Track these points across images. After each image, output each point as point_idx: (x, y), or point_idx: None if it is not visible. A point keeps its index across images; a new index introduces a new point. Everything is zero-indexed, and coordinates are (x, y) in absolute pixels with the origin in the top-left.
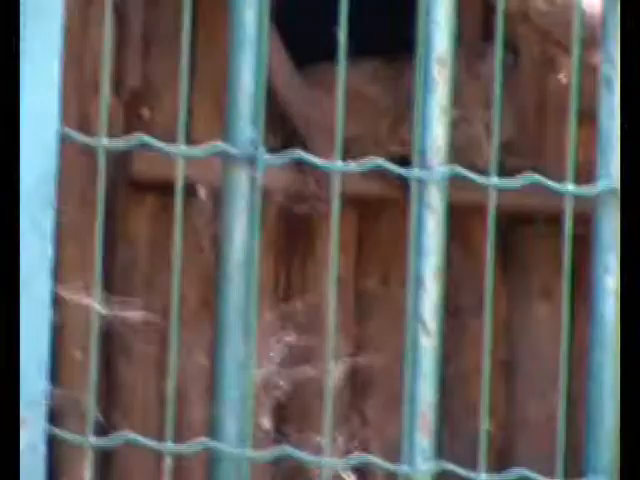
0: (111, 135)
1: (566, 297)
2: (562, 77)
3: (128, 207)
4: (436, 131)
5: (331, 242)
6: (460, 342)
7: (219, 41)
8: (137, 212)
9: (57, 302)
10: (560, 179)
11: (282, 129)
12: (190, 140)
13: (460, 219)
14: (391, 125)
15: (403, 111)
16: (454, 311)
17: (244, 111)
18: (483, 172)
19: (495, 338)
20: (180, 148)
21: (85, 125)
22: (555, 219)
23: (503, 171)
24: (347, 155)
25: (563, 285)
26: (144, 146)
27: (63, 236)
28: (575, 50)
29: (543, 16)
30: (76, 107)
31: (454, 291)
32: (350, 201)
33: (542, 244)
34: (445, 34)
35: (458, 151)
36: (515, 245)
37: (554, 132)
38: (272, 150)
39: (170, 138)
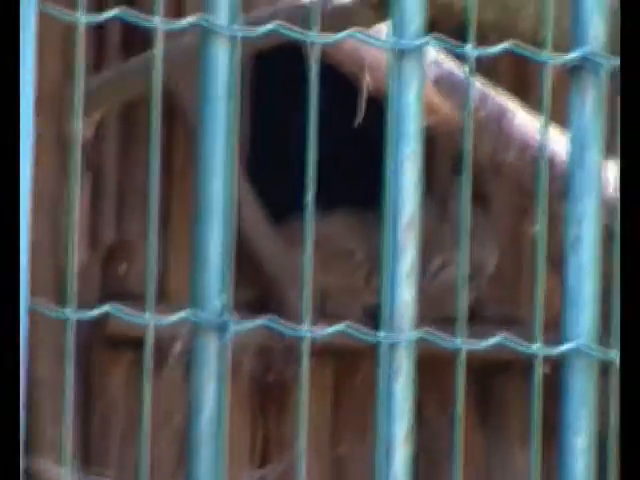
0: (88, 290)
1: (534, 457)
2: (533, 228)
3: (105, 365)
4: (404, 295)
5: (300, 410)
6: None
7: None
8: (114, 369)
9: (32, 474)
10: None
11: (257, 285)
12: (166, 292)
13: (435, 369)
14: (366, 275)
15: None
16: (433, 459)
17: (212, 279)
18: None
19: None
20: (148, 315)
21: (61, 282)
22: (531, 367)
23: (479, 319)
24: (323, 307)
25: (538, 436)
26: (114, 315)
27: (40, 401)
28: (540, 209)
29: (515, 169)
30: (51, 263)
31: (432, 440)
32: (325, 355)
33: (519, 392)
34: (412, 198)
35: (435, 299)
36: (492, 393)
37: (529, 280)
38: (247, 306)
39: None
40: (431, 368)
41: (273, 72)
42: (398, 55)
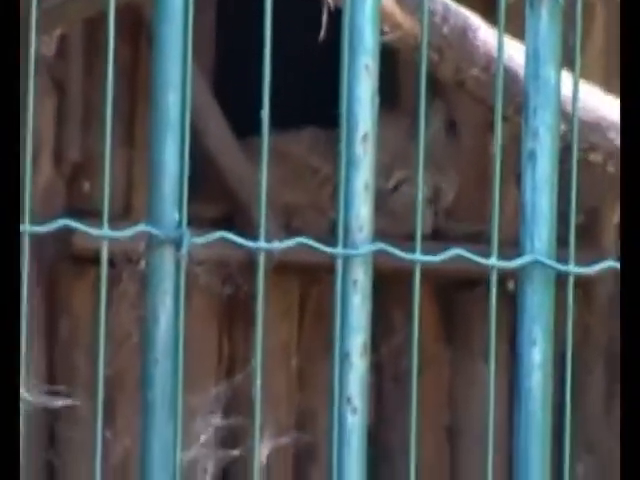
0: (52, 208)
1: (490, 369)
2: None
3: (70, 281)
4: (360, 208)
5: (256, 323)
6: (402, 406)
7: None
8: (78, 285)
9: None
10: (502, 241)
11: (224, 200)
12: (132, 209)
13: (402, 283)
14: (332, 192)
15: None
16: (396, 375)
17: (168, 193)
18: (424, 237)
19: (439, 401)
20: (104, 231)
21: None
22: (498, 280)
23: (445, 235)
24: (290, 222)
25: (503, 348)
26: (70, 227)
27: None
28: (498, 117)
29: (479, 85)
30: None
31: (396, 355)
32: (291, 268)
33: (484, 306)
34: (368, 111)
35: (399, 214)
36: (458, 307)
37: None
38: (213, 222)
39: (113, 208)
40: (397, 283)
41: None
42: None
